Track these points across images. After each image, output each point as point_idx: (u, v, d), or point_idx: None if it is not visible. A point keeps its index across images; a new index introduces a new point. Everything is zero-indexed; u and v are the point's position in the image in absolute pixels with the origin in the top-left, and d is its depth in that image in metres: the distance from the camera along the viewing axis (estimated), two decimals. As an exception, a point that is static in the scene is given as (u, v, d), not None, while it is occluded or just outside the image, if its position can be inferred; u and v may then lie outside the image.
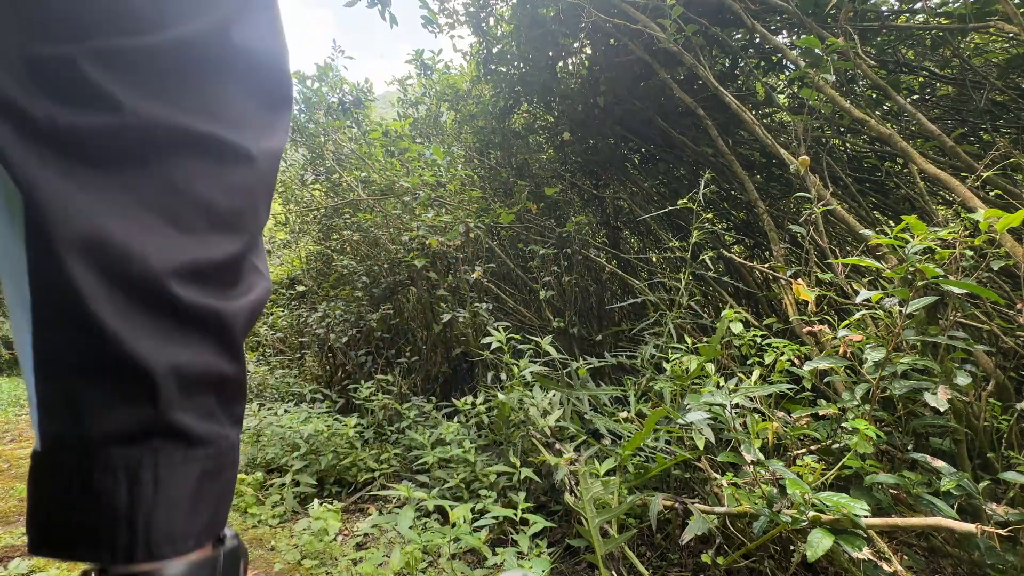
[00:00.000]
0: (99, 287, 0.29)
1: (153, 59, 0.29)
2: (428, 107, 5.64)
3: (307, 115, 5.38)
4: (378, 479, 2.75)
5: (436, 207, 3.79)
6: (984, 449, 1.51)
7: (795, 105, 3.14)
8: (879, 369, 1.39)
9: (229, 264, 0.33)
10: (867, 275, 2.30)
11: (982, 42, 2.82)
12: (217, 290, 0.33)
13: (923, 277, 1.29)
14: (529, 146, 4.46)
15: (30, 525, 0.32)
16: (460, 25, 4.23)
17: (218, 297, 0.33)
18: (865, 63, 2.18)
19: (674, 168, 3.80)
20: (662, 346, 2.24)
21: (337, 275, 4.68)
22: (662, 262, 3.82)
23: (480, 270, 3.25)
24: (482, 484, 2.25)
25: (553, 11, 3.25)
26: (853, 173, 2.83)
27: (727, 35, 2.93)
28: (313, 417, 3.07)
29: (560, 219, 3.92)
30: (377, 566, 1.69)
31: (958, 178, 1.96)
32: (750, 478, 1.42)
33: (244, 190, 0.34)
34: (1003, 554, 1.12)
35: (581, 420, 2.18)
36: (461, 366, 3.72)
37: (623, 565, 1.58)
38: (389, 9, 3.58)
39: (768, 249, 3.09)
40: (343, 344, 3.97)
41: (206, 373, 0.33)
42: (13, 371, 11.87)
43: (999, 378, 1.55)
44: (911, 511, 1.32)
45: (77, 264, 0.28)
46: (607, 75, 3.50)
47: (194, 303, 0.31)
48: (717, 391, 1.56)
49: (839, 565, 1.28)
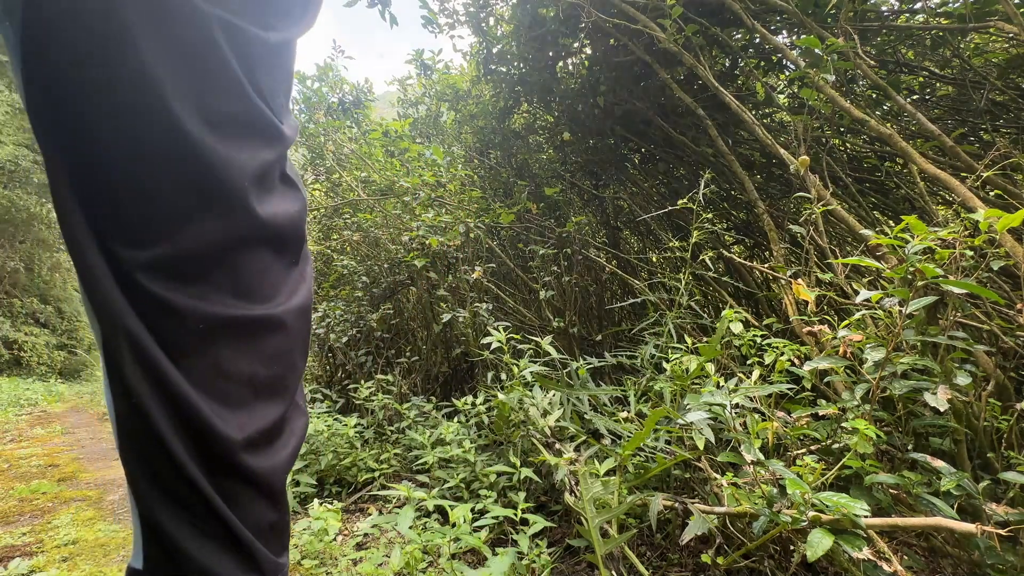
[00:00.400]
0: (191, 459, 0.34)
1: (194, 258, 0.33)
2: (428, 107, 5.64)
3: (307, 115, 5.38)
4: (378, 479, 2.75)
5: (436, 207, 3.79)
6: (984, 449, 1.51)
7: (795, 105, 3.14)
8: (879, 369, 1.39)
9: (275, 426, 0.39)
10: (867, 275, 2.30)
11: (982, 42, 2.82)
12: (265, 451, 0.38)
13: (923, 277, 1.29)
14: (529, 146, 4.46)
15: None
16: (460, 25, 4.22)
17: (266, 457, 0.38)
18: (865, 63, 2.18)
19: (674, 168, 3.80)
20: (662, 346, 2.24)
21: (337, 275, 4.68)
22: (662, 262, 3.81)
23: (480, 270, 3.25)
24: (482, 484, 2.25)
25: (553, 11, 3.25)
26: (853, 173, 2.83)
27: (727, 35, 2.93)
28: (313, 417, 3.07)
29: (560, 219, 3.92)
30: (377, 566, 1.69)
31: (958, 178, 1.96)
32: (750, 478, 1.42)
33: (280, 355, 0.38)
34: (1003, 554, 1.12)
35: (581, 420, 2.17)
36: (461, 366, 3.71)
37: (623, 565, 1.58)
38: (389, 9, 3.58)
39: (768, 249, 3.09)
40: (343, 344, 3.97)
41: (268, 521, 0.40)
42: (13, 371, 11.87)
43: (999, 378, 1.55)
44: (911, 511, 1.32)
45: (175, 440, 0.34)
46: (607, 75, 3.50)
47: (256, 469, 0.37)
48: (717, 391, 1.56)
49: (839, 565, 1.28)
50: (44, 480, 3.38)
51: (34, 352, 12.50)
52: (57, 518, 2.65)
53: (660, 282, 3.15)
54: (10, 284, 12.83)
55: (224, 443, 0.36)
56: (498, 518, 1.98)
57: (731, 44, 2.91)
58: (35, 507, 2.85)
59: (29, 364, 12.32)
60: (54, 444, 4.78)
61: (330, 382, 4.28)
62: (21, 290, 13.15)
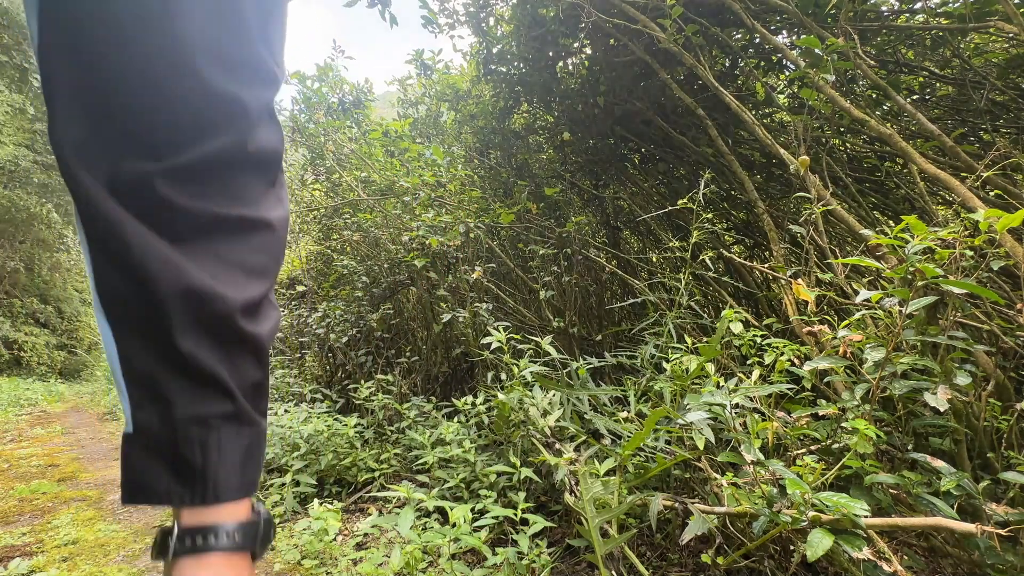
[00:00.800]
0: (189, 322, 0.42)
1: (198, 170, 0.43)
2: (428, 107, 5.64)
3: (307, 115, 5.38)
4: (378, 479, 2.75)
5: (436, 207, 3.79)
6: (984, 449, 1.51)
7: (795, 105, 3.14)
8: (879, 369, 1.39)
9: (260, 301, 0.48)
10: (867, 275, 2.30)
11: (982, 42, 2.82)
12: (256, 320, 0.47)
13: (923, 277, 1.29)
14: (529, 146, 4.46)
15: (124, 483, 0.44)
16: (460, 25, 4.22)
17: (257, 324, 0.47)
18: (865, 63, 2.18)
19: (674, 168, 3.80)
20: (662, 346, 2.24)
21: (337, 275, 4.68)
22: (662, 262, 3.81)
23: (480, 270, 3.25)
24: (482, 484, 2.25)
25: (553, 11, 3.25)
26: (853, 173, 2.83)
27: (727, 35, 2.93)
28: (313, 417, 3.07)
29: (560, 219, 3.92)
30: (377, 566, 1.69)
31: (958, 178, 1.96)
32: (750, 478, 1.42)
33: (265, 248, 0.48)
34: (1003, 554, 1.12)
35: (581, 420, 2.17)
36: (461, 366, 3.71)
37: (623, 565, 1.58)
38: (389, 9, 3.58)
39: (768, 249, 3.09)
40: (343, 344, 3.97)
41: (253, 380, 0.47)
42: (13, 371, 11.87)
43: (999, 378, 1.55)
44: (911, 511, 1.32)
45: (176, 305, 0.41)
46: (607, 75, 3.50)
47: (249, 331, 0.45)
48: (717, 391, 1.56)
49: (839, 565, 1.28)
50: (44, 480, 3.38)
51: (34, 352, 12.50)
52: (57, 518, 2.65)
53: (660, 282, 3.15)
54: (10, 284, 12.82)
55: (224, 302, 0.42)
56: (498, 518, 1.98)
57: (731, 44, 2.91)
58: (35, 507, 2.85)
59: (29, 364, 12.32)
60: (54, 444, 4.78)
61: (330, 382, 4.28)
62: (21, 290, 13.15)
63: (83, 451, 4.50)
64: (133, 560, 2.16)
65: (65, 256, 13.38)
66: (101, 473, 3.66)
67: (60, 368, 13.05)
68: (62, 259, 13.57)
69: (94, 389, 9.10)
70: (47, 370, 12.69)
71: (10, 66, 10.43)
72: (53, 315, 13.59)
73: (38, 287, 13.56)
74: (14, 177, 12.01)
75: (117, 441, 4.94)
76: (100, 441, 5.01)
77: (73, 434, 5.39)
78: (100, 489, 3.21)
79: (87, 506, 2.88)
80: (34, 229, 12.95)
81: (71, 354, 13.55)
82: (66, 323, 13.90)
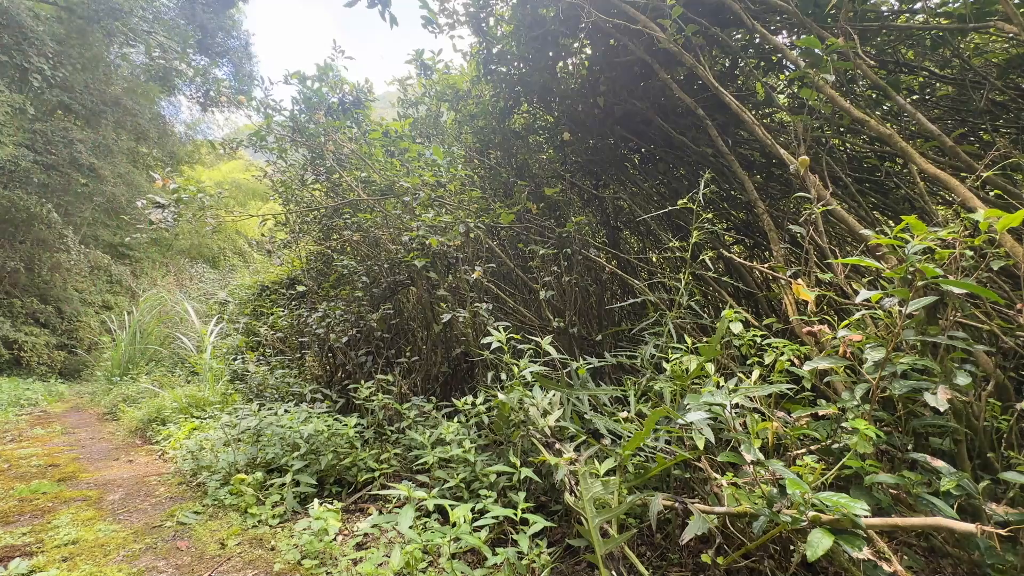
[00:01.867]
0: None
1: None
2: (428, 107, 5.64)
3: (307, 115, 5.38)
4: (378, 479, 2.75)
5: (436, 207, 3.79)
6: (984, 449, 1.51)
7: (795, 105, 3.14)
8: (879, 369, 1.39)
9: None
10: (867, 275, 2.30)
11: (982, 42, 2.82)
12: None
13: (923, 277, 1.29)
14: (529, 146, 4.46)
15: None
16: (460, 25, 4.22)
17: None
18: (865, 63, 2.18)
19: (674, 168, 3.80)
20: (662, 346, 2.24)
21: (337, 275, 4.68)
22: (662, 262, 3.82)
23: (480, 270, 3.25)
24: (482, 484, 2.25)
25: (553, 11, 3.25)
26: (853, 173, 2.83)
27: (727, 35, 2.93)
28: (313, 417, 3.07)
29: (560, 219, 3.92)
30: (377, 566, 1.69)
31: (958, 178, 1.96)
32: (750, 478, 1.42)
33: None
34: (1003, 554, 1.12)
35: (581, 420, 2.17)
36: (461, 366, 3.71)
37: (623, 565, 1.58)
38: (389, 9, 3.58)
39: (768, 249, 3.09)
40: (343, 344, 3.96)
41: None
42: (13, 371, 11.85)
43: (999, 378, 1.55)
44: (911, 511, 1.32)
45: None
46: (607, 75, 3.50)
47: None
48: (717, 391, 1.56)
49: (839, 565, 1.28)
50: (44, 480, 3.38)
51: (34, 352, 12.49)
52: (57, 518, 2.65)
53: (660, 282, 3.15)
54: (10, 284, 12.82)
55: None
56: (498, 518, 1.98)
57: (731, 44, 2.91)
58: (35, 507, 2.85)
59: (29, 364, 12.32)
60: (54, 444, 4.78)
61: (330, 382, 4.28)
62: (21, 290, 13.15)
63: (83, 451, 4.50)
64: (133, 560, 2.16)
65: (65, 256, 13.37)
66: (101, 473, 3.65)
67: (60, 368, 13.04)
68: (62, 259, 13.56)
69: (94, 389, 9.10)
70: (47, 370, 12.69)
71: (10, 66, 10.42)
72: (53, 315, 13.58)
73: (38, 287, 13.56)
74: (14, 177, 12.01)
75: (117, 441, 4.95)
76: (100, 441, 5.01)
77: (73, 434, 5.39)
78: (100, 489, 3.21)
79: (87, 506, 2.88)
80: (34, 229, 12.95)
81: (71, 354, 13.54)
82: (66, 323, 13.90)
